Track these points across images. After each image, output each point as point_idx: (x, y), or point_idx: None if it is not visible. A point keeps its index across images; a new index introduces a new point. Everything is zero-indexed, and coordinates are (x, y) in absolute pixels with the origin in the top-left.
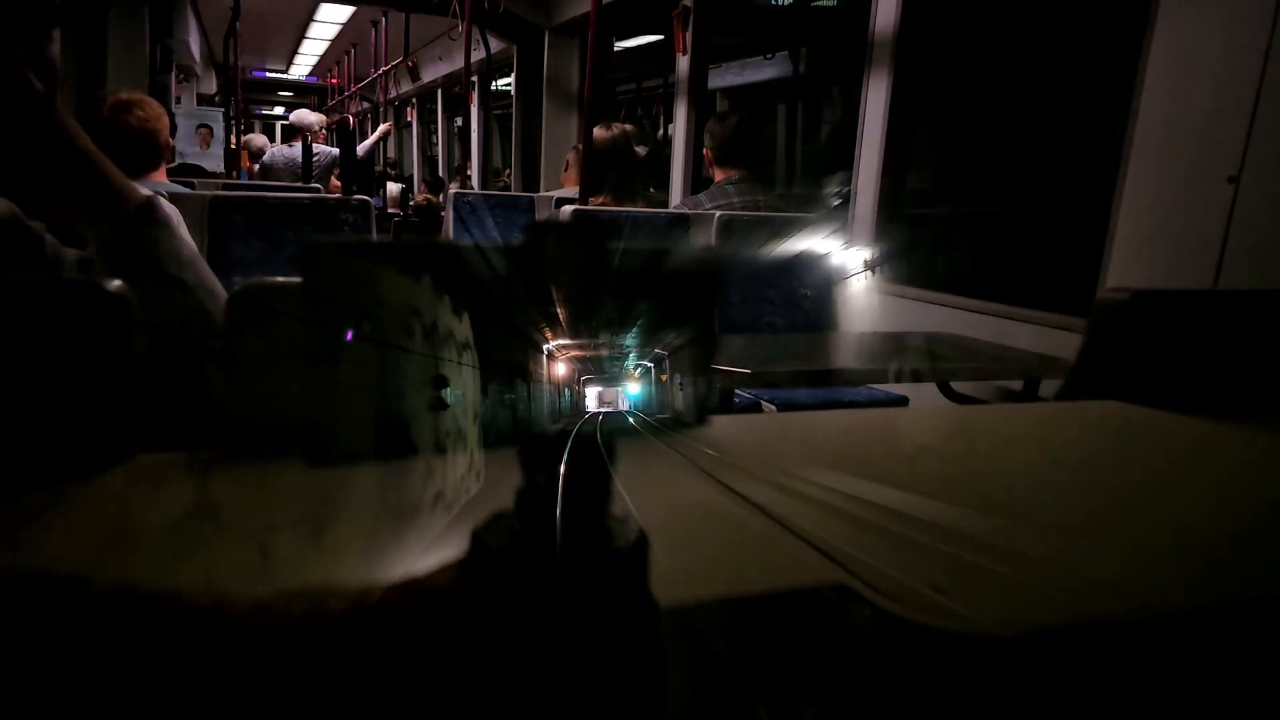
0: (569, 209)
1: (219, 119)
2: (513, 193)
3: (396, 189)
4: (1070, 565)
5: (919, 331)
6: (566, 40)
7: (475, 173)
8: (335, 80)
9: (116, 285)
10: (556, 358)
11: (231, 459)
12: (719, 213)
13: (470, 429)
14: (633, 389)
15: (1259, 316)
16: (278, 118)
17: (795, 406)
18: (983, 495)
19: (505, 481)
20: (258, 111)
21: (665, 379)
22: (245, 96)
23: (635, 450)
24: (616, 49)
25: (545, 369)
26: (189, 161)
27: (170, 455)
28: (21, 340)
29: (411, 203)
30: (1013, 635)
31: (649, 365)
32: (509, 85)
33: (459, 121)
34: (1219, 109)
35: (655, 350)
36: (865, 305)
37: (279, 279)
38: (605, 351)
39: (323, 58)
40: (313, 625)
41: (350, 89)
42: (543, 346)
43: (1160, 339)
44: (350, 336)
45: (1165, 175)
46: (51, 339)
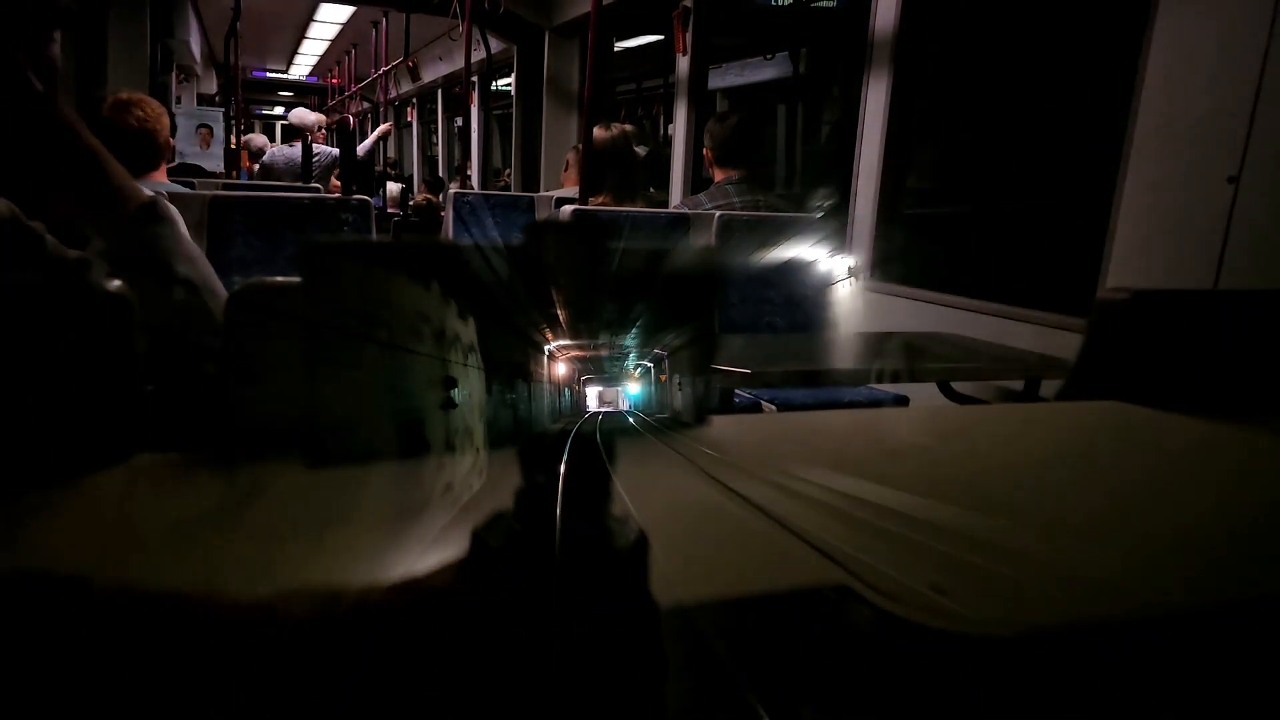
0: (569, 209)
1: (219, 119)
2: (513, 193)
3: (396, 189)
4: (1070, 565)
5: (919, 331)
6: (566, 40)
7: (475, 173)
8: (335, 80)
9: (116, 285)
10: (557, 358)
11: (231, 459)
12: (719, 213)
13: (471, 429)
14: (633, 389)
15: (1259, 316)
16: (278, 118)
17: (795, 406)
18: (983, 495)
19: (505, 481)
20: (258, 111)
21: (665, 379)
22: (245, 96)
23: (635, 450)
24: (616, 49)
25: (545, 369)
26: (189, 161)
27: (170, 455)
28: (21, 340)
29: (411, 203)
30: (1013, 636)
31: (649, 365)
32: (509, 85)
33: (459, 121)
34: (1219, 109)
35: (655, 350)
36: (864, 305)
37: (279, 279)
38: (605, 351)
39: (323, 58)
40: (313, 625)
41: (350, 89)
42: (543, 346)
43: (1160, 339)
44: (350, 337)
45: (1165, 175)
46: (51, 339)
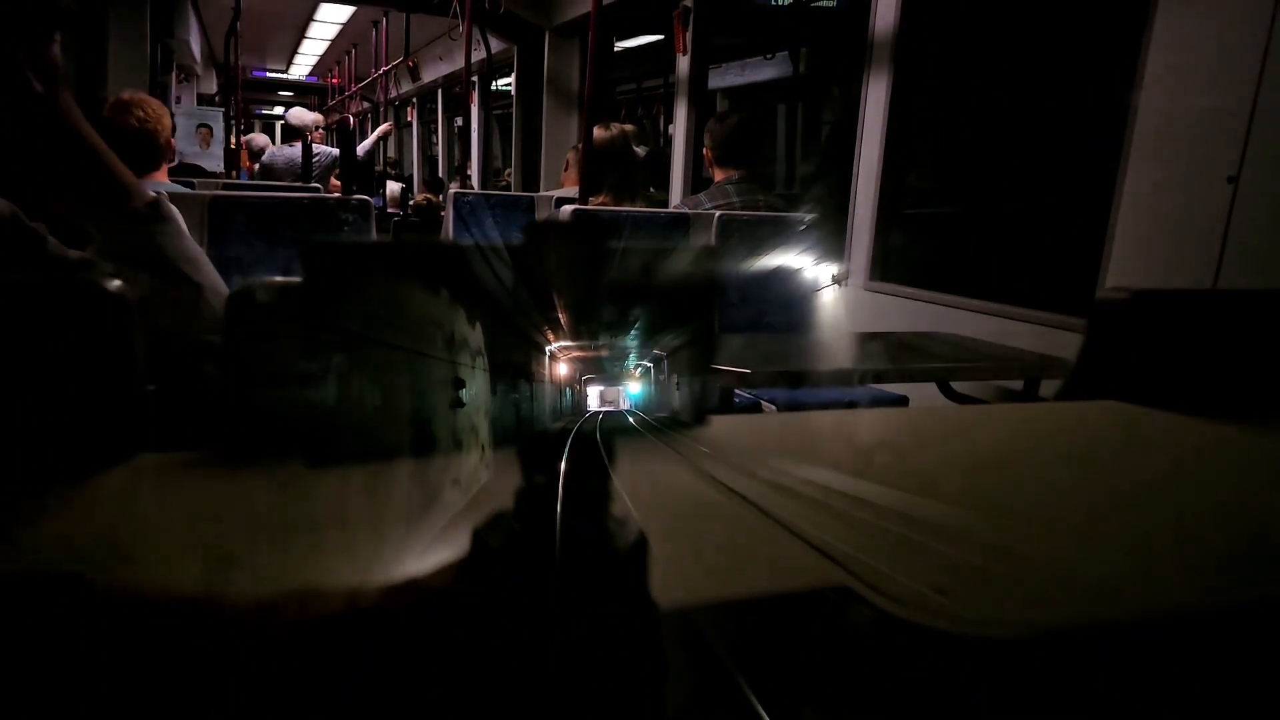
0: (569, 209)
1: (219, 119)
2: (513, 193)
3: (397, 188)
4: (1070, 565)
5: (919, 331)
6: (566, 40)
7: (475, 172)
8: (335, 80)
9: (116, 285)
10: (558, 358)
11: (231, 459)
12: (719, 213)
13: (472, 429)
14: (633, 388)
15: (1259, 316)
16: (278, 118)
17: (795, 406)
18: (983, 495)
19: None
20: (258, 111)
21: (665, 379)
22: (245, 96)
23: (636, 450)
24: (616, 49)
25: (546, 369)
26: (190, 162)
27: (170, 455)
28: (22, 340)
29: (411, 202)
30: (1013, 636)
31: (649, 365)
32: (509, 85)
33: (459, 121)
34: (1218, 109)
35: (655, 350)
36: (864, 306)
37: (279, 279)
38: (605, 352)
39: (323, 58)
40: (313, 625)
41: (350, 89)
42: (543, 346)
43: (1160, 339)
44: (350, 337)
45: (1165, 175)
46: (52, 339)
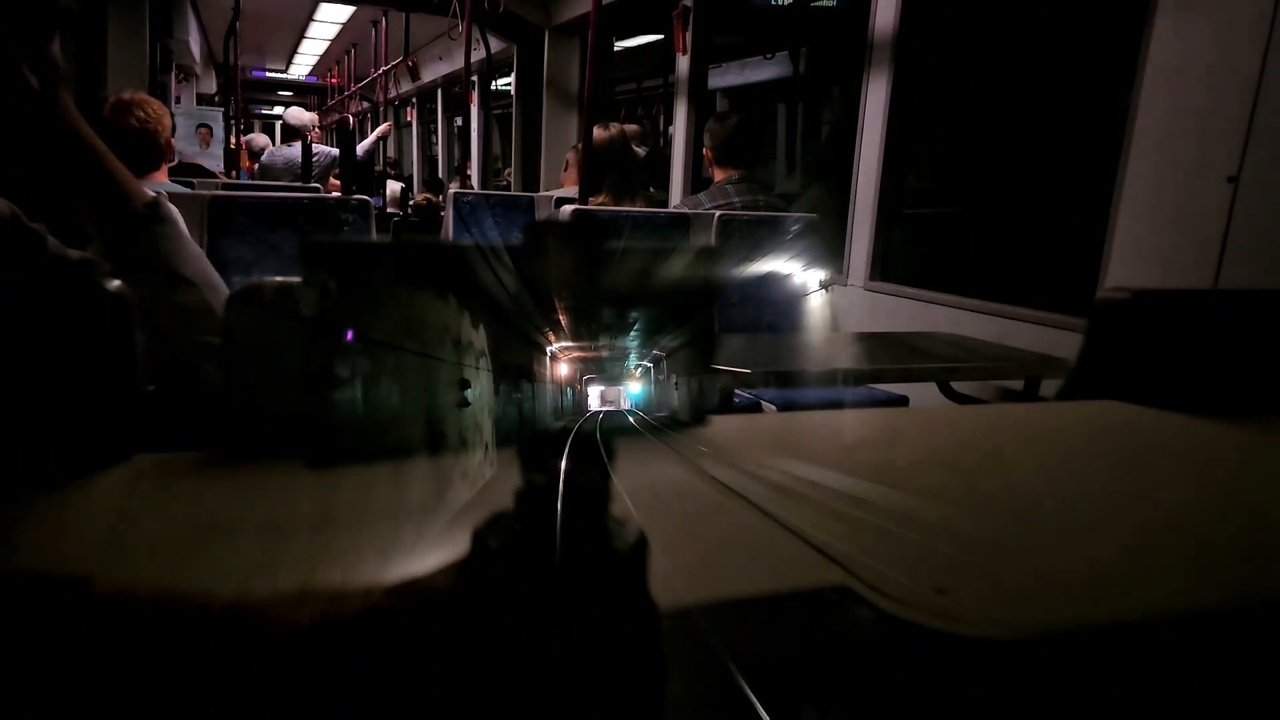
0: (569, 209)
1: (219, 119)
2: (513, 192)
3: (397, 188)
4: (1070, 565)
5: (919, 331)
6: (566, 40)
7: (475, 172)
8: (335, 80)
9: (116, 285)
10: (558, 358)
11: (231, 459)
12: (719, 213)
13: (471, 430)
14: (634, 388)
15: (1259, 316)
16: (277, 118)
17: (795, 406)
18: (983, 495)
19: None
20: (257, 111)
21: (666, 379)
22: (245, 96)
23: (636, 450)
24: (616, 49)
25: (546, 368)
26: (195, 162)
27: (170, 455)
28: (22, 340)
29: (411, 202)
30: (1013, 637)
31: (649, 365)
32: (509, 85)
33: (459, 121)
34: (1218, 108)
35: (656, 350)
36: (864, 305)
37: (279, 279)
38: (605, 351)
39: (323, 57)
40: (312, 625)
41: (350, 89)
42: (543, 345)
43: (1160, 339)
44: (350, 337)
45: (1165, 175)
46: (52, 339)
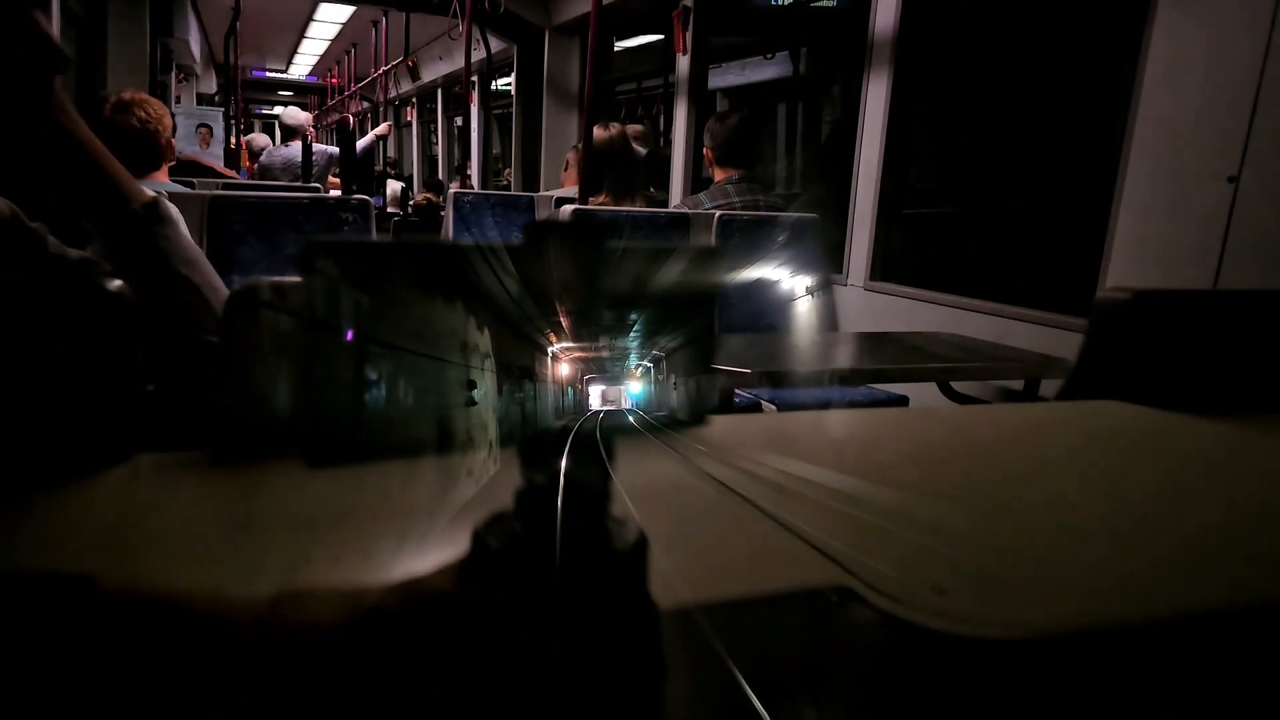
0: (569, 208)
1: (219, 119)
2: (513, 192)
3: (397, 187)
4: (1070, 565)
5: (919, 331)
6: (566, 40)
7: (475, 172)
8: (335, 80)
9: (116, 285)
10: (559, 358)
11: (231, 459)
12: (719, 213)
13: (471, 430)
14: (634, 388)
15: (1259, 316)
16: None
17: (795, 406)
18: (983, 495)
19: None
20: (257, 111)
21: (666, 379)
22: (245, 96)
23: (636, 450)
24: (616, 49)
25: (546, 368)
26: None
27: (170, 455)
28: (22, 340)
29: (411, 202)
30: (1013, 637)
31: (650, 365)
32: (509, 85)
33: (459, 121)
34: (1218, 109)
35: (656, 350)
36: (864, 305)
37: (279, 279)
38: (605, 351)
39: (323, 57)
40: (313, 625)
41: (350, 89)
42: (544, 345)
43: (1161, 339)
44: (350, 337)
45: (1165, 175)
46: (52, 339)
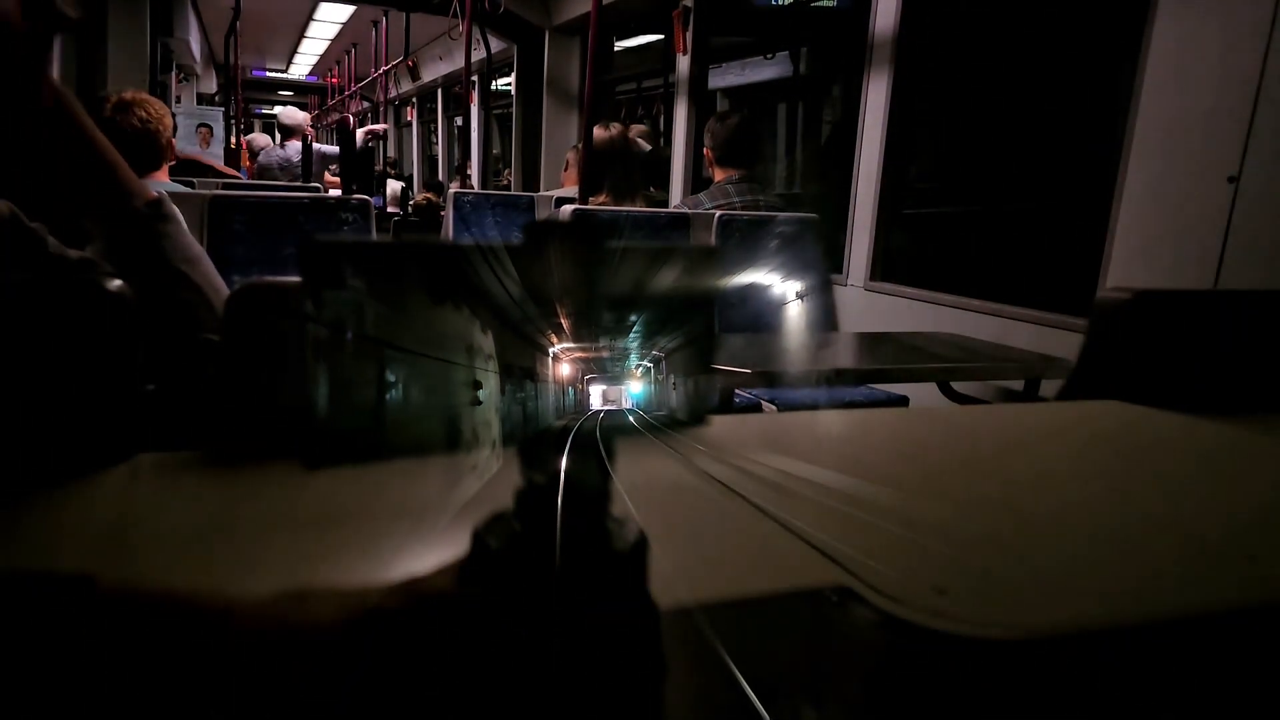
0: (569, 208)
1: (219, 118)
2: (513, 192)
3: (397, 187)
4: (1070, 565)
5: (919, 331)
6: (566, 40)
7: (475, 172)
8: (335, 80)
9: (117, 285)
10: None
11: (231, 459)
12: (719, 213)
13: (470, 429)
14: (635, 388)
15: (1259, 316)
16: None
17: (795, 406)
18: (983, 495)
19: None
20: (258, 111)
21: (666, 379)
22: (245, 96)
23: (637, 450)
24: (616, 49)
25: (546, 368)
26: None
27: (170, 455)
28: (22, 340)
29: (411, 202)
30: (1013, 637)
31: (650, 365)
32: (509, 85)
33: (459, 121)
34: (1219, 108)
35: (656, 350)
36: (864, 305)
37: (279, 279)
38: (605, 352)
39: (323, 57)
40: (313, 625)
41: (350, 88)
42: (544, 345)
43: (1161, 339)
44: (350, 337)
45: (1165, 175)
46: (52, 339)
